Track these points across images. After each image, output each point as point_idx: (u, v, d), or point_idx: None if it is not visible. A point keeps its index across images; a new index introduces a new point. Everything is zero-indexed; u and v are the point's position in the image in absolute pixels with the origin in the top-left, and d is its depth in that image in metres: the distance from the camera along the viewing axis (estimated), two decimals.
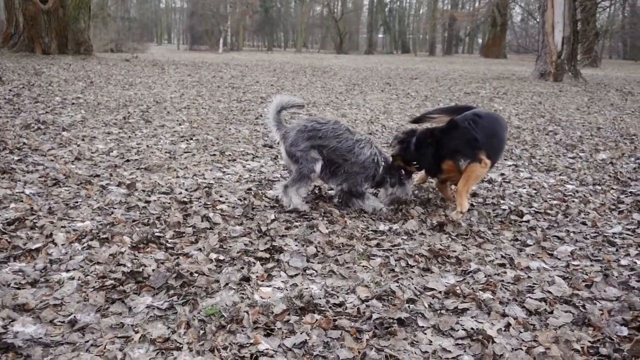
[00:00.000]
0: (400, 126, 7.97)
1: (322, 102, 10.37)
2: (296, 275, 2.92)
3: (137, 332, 2.30)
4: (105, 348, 2.17)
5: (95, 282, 2.71)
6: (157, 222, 3.61)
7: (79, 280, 2.72)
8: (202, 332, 2.31)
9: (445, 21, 56.32)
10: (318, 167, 4.01)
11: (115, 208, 3.84)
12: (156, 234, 3.37)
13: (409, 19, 70.25)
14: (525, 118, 9.26)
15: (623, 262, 3.25)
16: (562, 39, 16.88)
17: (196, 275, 2.82)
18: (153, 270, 2.84)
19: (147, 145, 5.86)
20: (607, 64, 39.09)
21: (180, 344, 2.23)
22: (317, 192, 4.48)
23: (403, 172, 4.25)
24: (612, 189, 4.95)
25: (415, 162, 4.23)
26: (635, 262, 3.24)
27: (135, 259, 2.99)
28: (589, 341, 2.33)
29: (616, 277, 3.02)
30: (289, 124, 4.29)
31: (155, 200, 4.04)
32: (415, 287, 2.81)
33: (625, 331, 2.42)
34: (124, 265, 2.88)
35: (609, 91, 14.87)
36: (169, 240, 3.31)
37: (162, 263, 2.96)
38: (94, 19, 26.92)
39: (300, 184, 4.01)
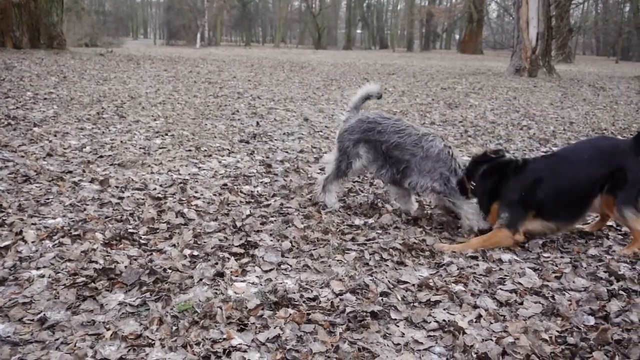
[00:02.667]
0: None
1: (300, 98, 10.36)
2: (271, 270, 2.92)
3: (108, 329, 2.27)
4: (75, 346, 2.14)
5: (66, 279, 2.67)
6: (131, 218, 3.57)
7: (49, 278, 2.68)
8: (174, 328, 2.30)
9: (423, 17, 56.70)
10: (357, 165, 3.89)
11: (87, 204, 3.79)
12: (129, 230, 3.34)
13: (387, 15, 70.49)
14: (500, 113, 9.37)
15: (591, 252, 3.32)
16: (537, 35, 17.12)
17: (170, 271, 2.80)
18: (126, 266, 2.81)
19: (121, 141, 5.79)
20: (581, 59, 39.81)
21: (153, 340, 2.21)
22: (290, 187, 4.49)
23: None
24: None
25: (473, 187, 3.56)
26: (603, 253, 3.31)
27: (107, 255, 2.95)
28: (557, 331, 2.38)
29: (585, 268, 3.08)
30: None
31: (128, 197, 4.00)
32: (388, 281, 2.83)
33: (592, 321, 2.48)
34: (96, 262, 2.85)
35: (582, 86, 15.14)
36: (143, 237, 3.28)
37: (135, 259, 2.93)
38: (68, 13, 26.42)
39: (336, 178, 3.93)
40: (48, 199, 3.85)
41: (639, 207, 3.26)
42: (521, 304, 2.64)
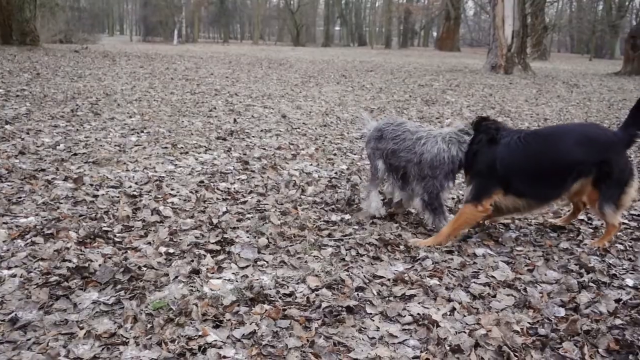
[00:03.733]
0: (355, 118, 8.04)
1: (278, 95, 10.34)
2: (247, 266, 2.92)
3: (82, 328, 2.25)
4: (47, 345, 2.12)
5: (39, 278, 2.63)
6: (105, 216, 3.53)
7: (21, 277, 2.64)
8: (149, 325, 2.28)
9: (401, 14, 56.94)
10: (381, 173, 3.80)
11: (61, 203, 3.73)
12: (104, 228, 3.30)
13: (365, 12, 70.64)
14: (477, 110, 9.48)
15: (563, 245, 3.39)
16: (512, 32, 17.35)
17: (145, 269, 2.78)
18: (100, 265, 2.78)
19: (96, 139, 5.71)
20: (556, 57, 40.43)
21: (127, 338, 2.19)
22: (267, 184, 4.48)
23: None
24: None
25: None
26: (574, 246, 3.38)
27: (81, 254, 2.92)
28: (529, 322, 2.43)
29: (556, 260, 3.15)
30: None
31: (103, 195, 3.95)
32: (364, 276, 2.85)
33: (562, 312, 2.53)
34: (70, 261, 2.81)
35: (556, 83, 15.39)
36: (117, 235, 3.25)
37: (110, 258, 2.90)
38: (41, 9, 25.83)
39: (374, 186, 3.84)
40: (20, 197, 3.79)
41: (619, 203, 3.28)
42: (494, 296, 2.69)
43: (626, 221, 3.85)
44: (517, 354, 2.17)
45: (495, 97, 11.45)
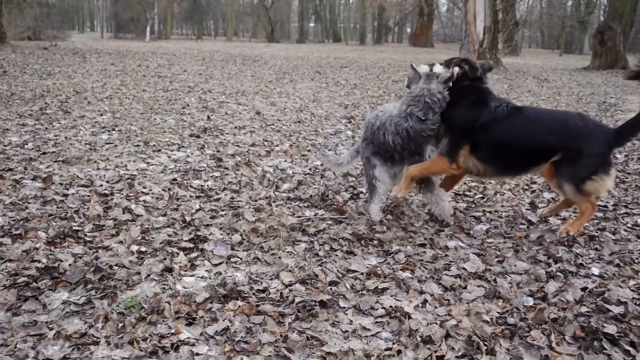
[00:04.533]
0: (330, 114, 8.05)
1: (252, 91, 10.29)
2: (220, 263, 2.91)
3: (51, 329, 2.22)
4: (15, 347, 2.08)
5: (7, 280, 2.58)
6: (76, 215, 3.48)
7: None
8: (121, 325, 2.26)
9: (375, 10, 57.07)
10: (377, 172, 3.65)
11: (29, 203, 3.66)
12: (74, 228, 3.25)
13: (339, 8, 70.65)
14: None
15: (532, 236, 3.46)
16: (484, 28, 17.56)
17: (116, 268, 2.75)
18: (70, 265, 2.74)
19: (66, 137, 5.61)
20: (527, 52, 41.10)
21: (98, 338, 2.17)
22: (241, 180, 4.47)
23: None
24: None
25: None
26: (543, 237, 3.45)
27: (51, 254, 2.87)
28: (498, 312, 2.48)
29: (526, 251, 3.21)
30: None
31: (73, 194, 3.89)
32: (338, 270, 2.87)
33: (531, 301, 2.59)
34: (39, 262, 2.76)
35: (527, 78, 15.64)
36: (88, 234, 3.20)
37: (80, 257, 2.86)
38: (8, 5, 25.19)
39: (372, 197, 3.68)
40: None
41: (583, 187, 3.24)
42: (465, 288, 2.74)
43: None
44: (486, 343, 2.21)
45: None
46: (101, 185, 4.12)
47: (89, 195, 3.86)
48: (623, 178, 4.99)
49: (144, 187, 4.13)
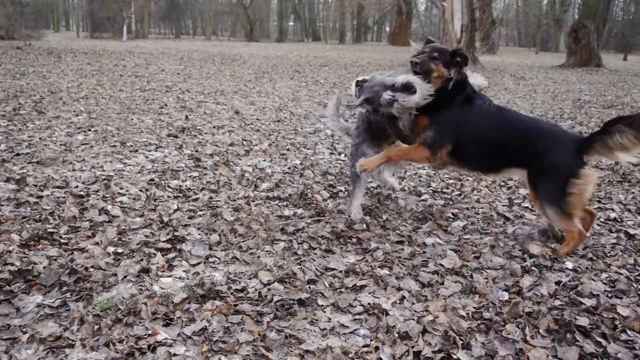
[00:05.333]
0: (309, 113, 8.06)
1: (231, 91, 10.24)
2: (198, 263, 2.90)
3: (25, 332, 2.18)
4: None
5: None
6: (50, 217, 3.43)
7: None
8: (96, 327, 2.24)
9: (354, 9, 57.26)
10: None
11: (2, 205, 3.60)
12: (49, 230, 3.20)
13: (318, 7, 70.67)
14: None
15: (509, 232, 3.51)
16: (461, 27, 17.74)
17: (92, 270, 2.72)
18: (44, 267, 2.70)
19: (40, 138, 5.52)
20: (504, 51, 41.63)
21: (73, 340, 2.15)
22: (219, 180, 4.45)
23: None
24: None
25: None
26: (519, 231, 3.51)
27: (24, 257, 2.82)
28: (474, 307, 2.51)
29: (501, 247, 3.26)
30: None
31: (48, 195, 3.83)
32: (316, 268, 2.88)
33: (506, 296, 2.63)
34: (12, 264, 2.72)
35: (504, 76, 15.84)
36: (63, 236, 3.16)
37: (55, 259, 2.82)
38: None
39: (354, 191, 3.74)
40: None
41: (565, 208, 3.05)
42: (442, 284, 2.76)
43: None
44: (462, 337, 2.24)
45: None
46: (77, 187, 4.06)
47: (64, 197, 3.81)
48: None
49: (121, 188, 4.08)
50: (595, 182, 3.17)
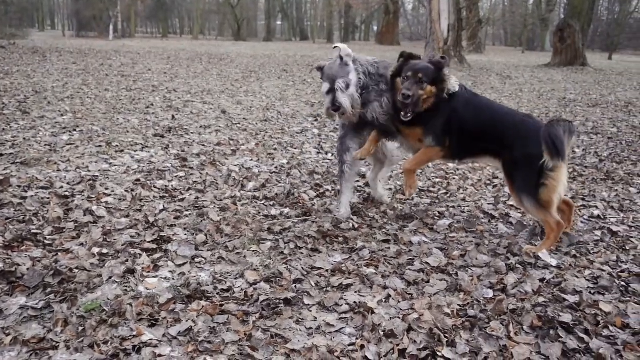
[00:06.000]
0: (296, 113, 8.05)
1: (218, 90, 10.21)
2: (184, 264, 2.89)
3: (8, 335, 2.16)
4: None
5: None
6: (35, 218, 3.39)
7: None
8: (81, 328, 2.22)
9: (342, 9, 57.22)
10: (348, 157, 3.69)
11: None
12: (33, 231, 3.17)
13: (306, 6, 70.56)
14: None
15: (493, 230, 3.54)
16: (448, 26, 17.82)
17: (76, 271, 2.70)
18: (28, 269, 2.68)
19: (24, 138, 5.46)
20: (490, 50, 41.85)
21: (57, 342, 2.13)
22: (206, 180, 4.43)
23: None
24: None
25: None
26: (505, 229, 3.54)
27: (8, 258, 2.79)
28: (459, 305, 2.53)
29: (487, 245, 3.28)
30: None
31: (32, 196, 3.79)
32: (303, 268, 2.88)
33: (490, 293, 2.65)
34: None
35: (490, 75, 15.94)
36: (48, 237, 3.13)
37: (39, 261, 2.80)
38: None
39: (342, 187, 3.76)
40: None
41: (541, 198, 3.11)
42: (428, 282, 2.78)
43: None
44: (447, 335, 2.26)
45: None
46: (61, 187, 4.03)
47: (48, 198, 3.78)
48: (580, 171, 5.14)
49: (106, 188, 4.05)
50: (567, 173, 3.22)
